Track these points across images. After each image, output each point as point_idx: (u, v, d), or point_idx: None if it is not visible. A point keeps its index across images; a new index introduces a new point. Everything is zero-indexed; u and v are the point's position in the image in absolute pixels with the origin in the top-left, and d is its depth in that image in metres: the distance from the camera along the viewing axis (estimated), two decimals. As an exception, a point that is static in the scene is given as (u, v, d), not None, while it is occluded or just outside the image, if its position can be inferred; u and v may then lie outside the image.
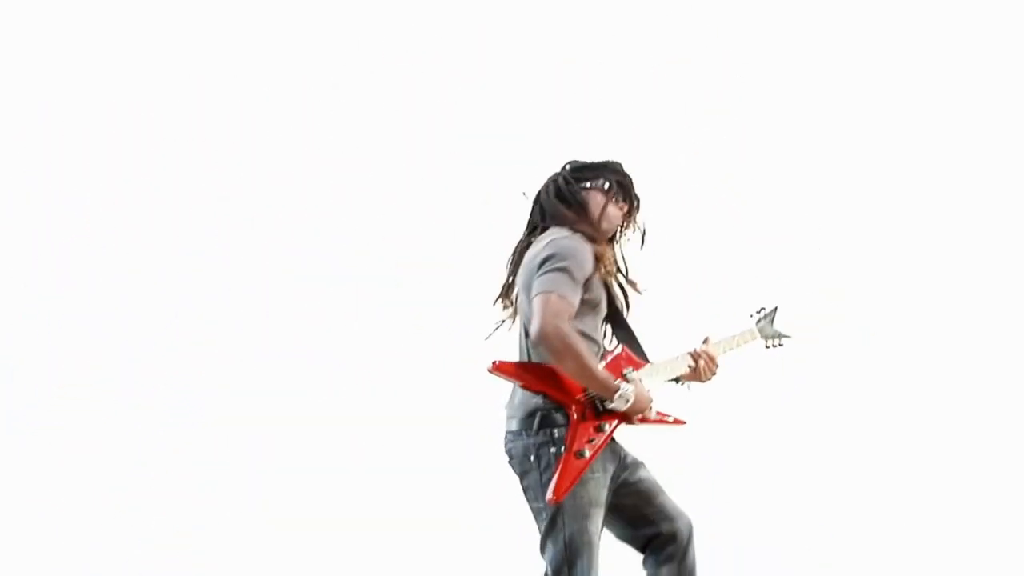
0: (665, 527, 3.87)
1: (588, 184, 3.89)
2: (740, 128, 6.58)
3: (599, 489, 3.72)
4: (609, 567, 3.85)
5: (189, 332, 6.59)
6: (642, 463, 3.91)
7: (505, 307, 3.95)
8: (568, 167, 3.95)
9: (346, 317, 6.62)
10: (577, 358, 3.57)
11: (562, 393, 3.68)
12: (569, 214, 3.85)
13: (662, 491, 3.91)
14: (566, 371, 3.62)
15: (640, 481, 3.87)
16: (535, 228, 3.90)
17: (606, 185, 3.88)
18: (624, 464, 3.84)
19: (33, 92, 6.63)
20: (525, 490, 3.77)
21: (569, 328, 3.57)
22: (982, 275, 6.56)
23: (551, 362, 3.63)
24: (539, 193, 3.93)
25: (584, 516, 3.69)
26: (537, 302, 3.59)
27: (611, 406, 3.66)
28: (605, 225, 3.86)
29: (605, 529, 3.85)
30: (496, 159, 6.42)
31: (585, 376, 3.62)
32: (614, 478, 3.79)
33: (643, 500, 3.87)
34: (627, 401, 3.65)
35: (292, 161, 6.71)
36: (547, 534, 3.73)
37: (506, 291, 3.93)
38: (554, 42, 6.67)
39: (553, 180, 3.92)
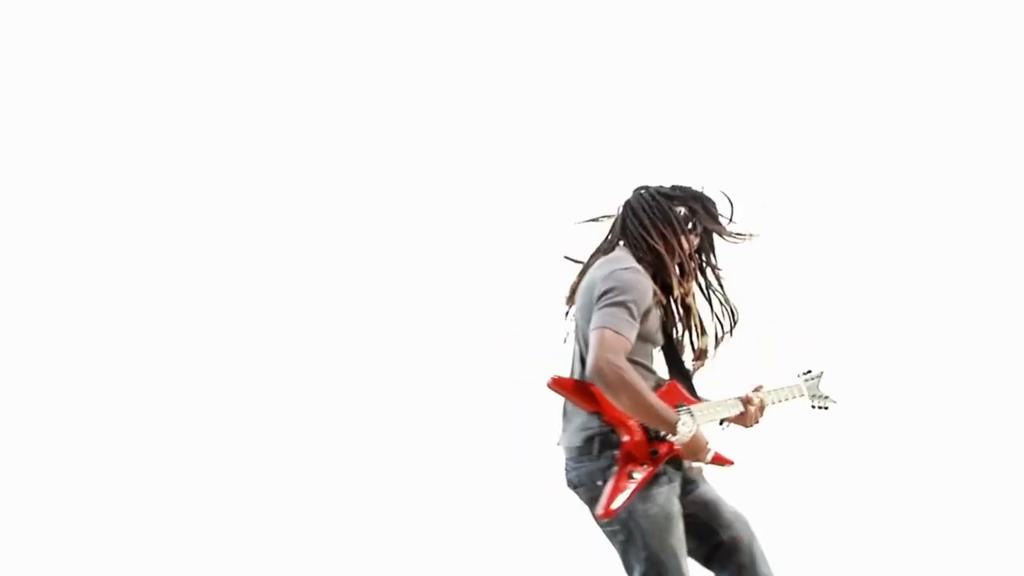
0: (725, 535, 3.83)
1: (672, 208, 3.83)
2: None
3: (669, 500, 3.70)
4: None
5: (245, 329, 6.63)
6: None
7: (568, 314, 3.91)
8: (656, 187, 3.89)
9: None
10: (632, 393, 3.56)
11: (613, 414, 3.67)
12: (648, 231, 3.80)
13: (718, 497, 3.88)
14: (621, 406, 3.60)
15: (697, 488, 3.85)
16: (608, 242, 3.86)
17: (682, 212, 3.84)
18: (685, 473, 3.82)
19: (34, 93, 6.64)
20: (596, 515, 3.74)
21: (625, 363, 3.57)
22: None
23: (606, 396, 3.62)
24: (625, 207, 3.88)
25: (661, 530, 3.67)
26: (594, 337, 3.59)
27: (671, 439, 3.65)
28: (675, 256, 3.82)
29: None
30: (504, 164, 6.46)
31: (641, 410, 3.60)
32: (682, 486, 3.77)
33: (701, 508, 3.84)
34: (689, 431, 3.64)
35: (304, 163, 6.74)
36: (627, 555, 3.71)
37: (571, 295, 3.89)
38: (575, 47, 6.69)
39: (641, 196, 3.87)
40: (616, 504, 3.61)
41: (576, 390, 3.70)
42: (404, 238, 6.68)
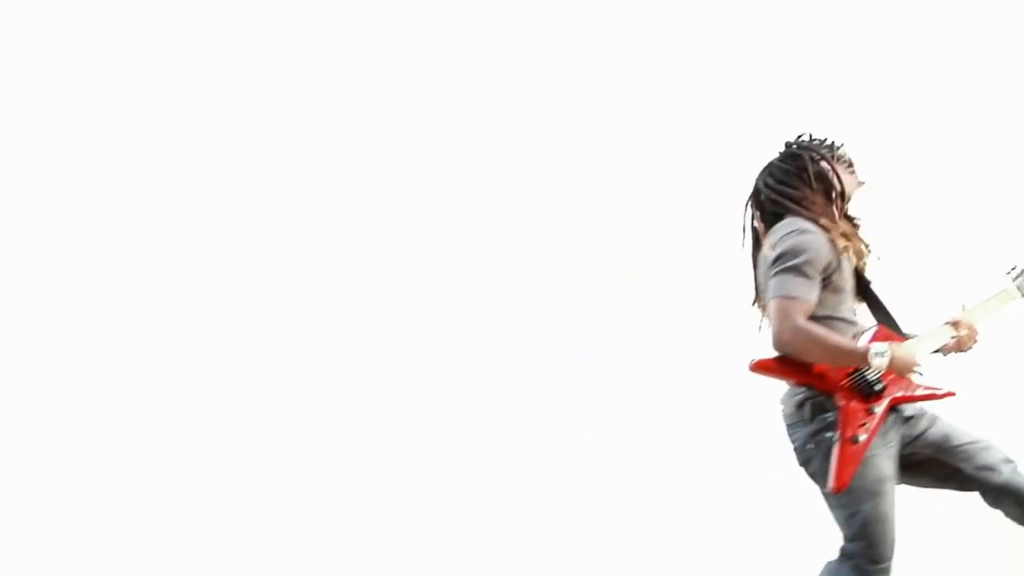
0: (968, 467, 3.80)
1: (818, 159, 3.83)
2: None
3: (882, 464, 3.72)
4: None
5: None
6: (926, 413, 3.85)
7: (760, 308, 3.90)
8: (785, 153, 3.88)
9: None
10: (819, 345, 3.61)
11: (824, 383, 3.70)
12: (810, 194, 3.80)
13: (951, 431, 3.84)
14: (818, 362, 3.64)
15: (927, 431, 3.83)
16: (771, 222, 3.83)
17: (833, 155, 3.85)
18: (907, 422, 3.81)
19: (34, 93, 6.65)
20: (812, 476, 3.77)
21: (802, 322, 3.60)
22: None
23: (802, 359, 3.65)
24: (761, 191, 3.87)
25: (874, 494, 3.70)
26: (771, 308, 3.66)
27: (873, 367, 3.63)
28: (850, 191, 3.84)
29: (924, 483, 3.86)
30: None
31: (835, 357, 3.63)
32: (901, 443, 3.78)
33: (935, 448, 3.82)
34: (882, 356, 3.60)
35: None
36: (841, 517, 3.75)
37: (757, 294, 3.90)
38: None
39: (799, 161, 3.84)
40: (845, 475, 3.62)
41: (779, 368, 3.70)
42: (405, 238, 6.69)
